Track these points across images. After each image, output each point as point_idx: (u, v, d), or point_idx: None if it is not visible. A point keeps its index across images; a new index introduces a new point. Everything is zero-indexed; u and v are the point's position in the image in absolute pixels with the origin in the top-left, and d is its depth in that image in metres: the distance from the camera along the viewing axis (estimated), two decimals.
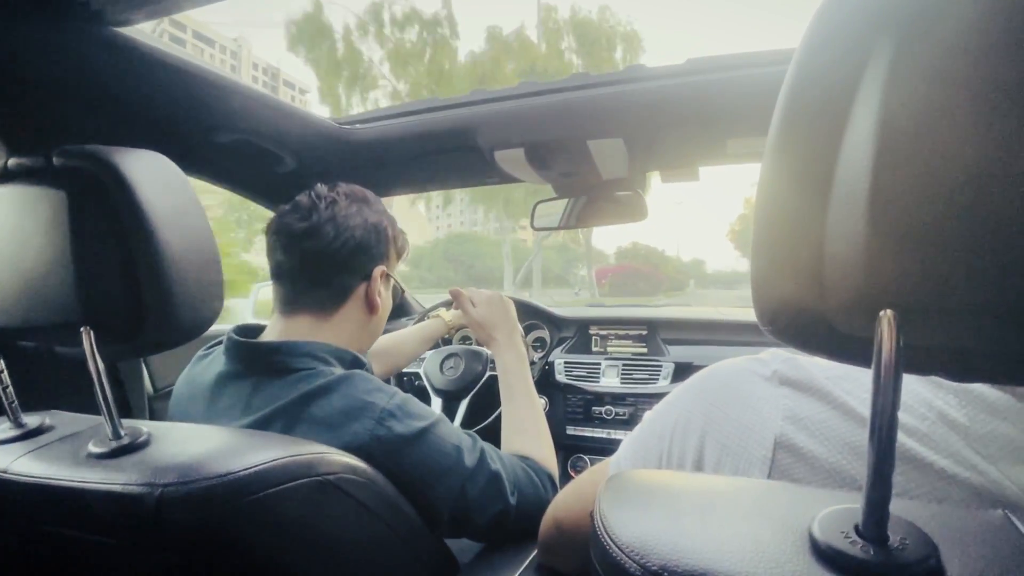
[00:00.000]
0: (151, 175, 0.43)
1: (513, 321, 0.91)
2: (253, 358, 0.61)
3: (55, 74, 0.62)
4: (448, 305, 1.45)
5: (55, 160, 0.42)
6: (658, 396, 1.23)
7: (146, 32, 0.62)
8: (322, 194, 0.67)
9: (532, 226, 1.18)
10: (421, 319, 1.50)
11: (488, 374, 1.18)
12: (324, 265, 0.65)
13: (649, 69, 0.77)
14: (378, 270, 0.69)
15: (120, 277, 0.42)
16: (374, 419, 0.55)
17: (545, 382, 1.37)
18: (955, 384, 0.32)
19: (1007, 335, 0.19)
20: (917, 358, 0.21)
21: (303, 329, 0.65)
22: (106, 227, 0.42)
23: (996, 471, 0.29)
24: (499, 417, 0.80)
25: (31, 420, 0.50)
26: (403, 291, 0.84)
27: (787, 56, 0.70)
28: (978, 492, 0.29)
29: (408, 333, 1.14)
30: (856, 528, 0.23)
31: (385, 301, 0.73)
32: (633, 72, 0.78)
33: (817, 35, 0.22)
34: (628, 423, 1.27)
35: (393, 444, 0.55)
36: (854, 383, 0.34)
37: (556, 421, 1.33)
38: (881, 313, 0.20)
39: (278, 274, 0.66)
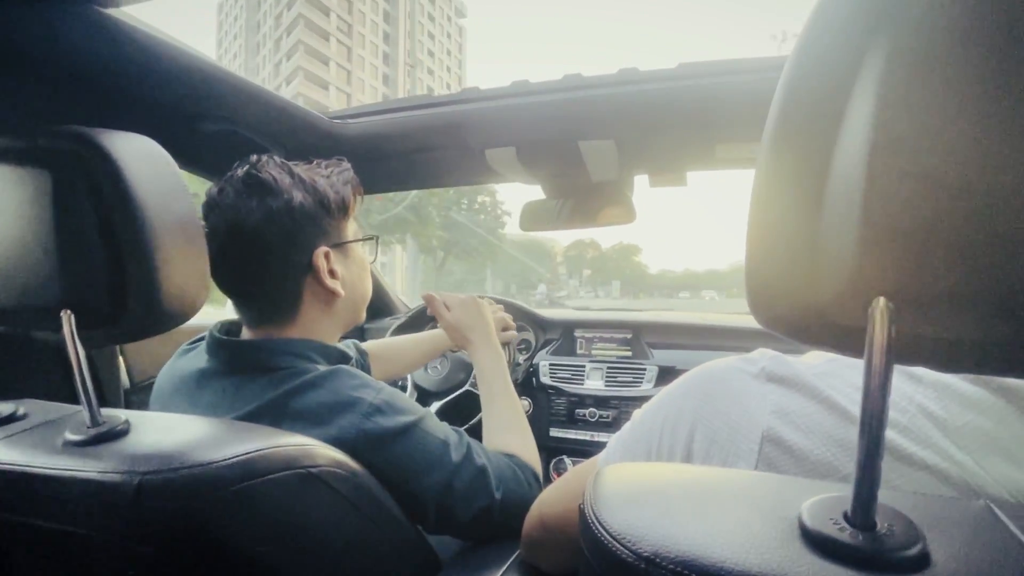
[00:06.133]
0: (138, 157, 0.43)
1: (488, 322, 0.90)
2: (235, 356, 0.60)
3: (40, 55, 0.60)
4: (423, 311, 1.43)
5: (40, 141, 0.41)
6: (642, 399, 1.24)
7: (132, 15, 0.61)
8: (206, 201, 0.58)
9: (521, 227, 1.19)
10: (409, 320, 1.48)
11: (468, 387, 1.19)
12: (253, 284, 0.60)
13: (642, 72, 0.78)
14: (318, 254, 0.60)
15: (103, 260, 0.41)
16: (361, 414, 0.54)
17: (529, 384, 1.37)
18: (933, 378, 0.33)
19: (997, 325, 0.19)
20: (908, 348, 0.21)
21: (275, 335, 0.62)
22: (90, 209, 0.41)
23: (972, 462, 0.30)
24: (474, 427, 0.79)
25: (3, 407, 0.48)
26: (376, 239, 0.73)
27: (778, 63, 0.72)
28: (955, 482, 0.30)
29: (411, 343, 1.09)
30: (845, 515, 0.23)
31: (351, 273, 0.66)
32: (626, 75, 0.79)
33: (814, 30, 0.23)
34: (611, 426, 1.28)
35: (380, 439, 0.54)
36: (840, 379, 0.35)
37: (540, 423, 1.33)
38: (874, 302, 0.20)
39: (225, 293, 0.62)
